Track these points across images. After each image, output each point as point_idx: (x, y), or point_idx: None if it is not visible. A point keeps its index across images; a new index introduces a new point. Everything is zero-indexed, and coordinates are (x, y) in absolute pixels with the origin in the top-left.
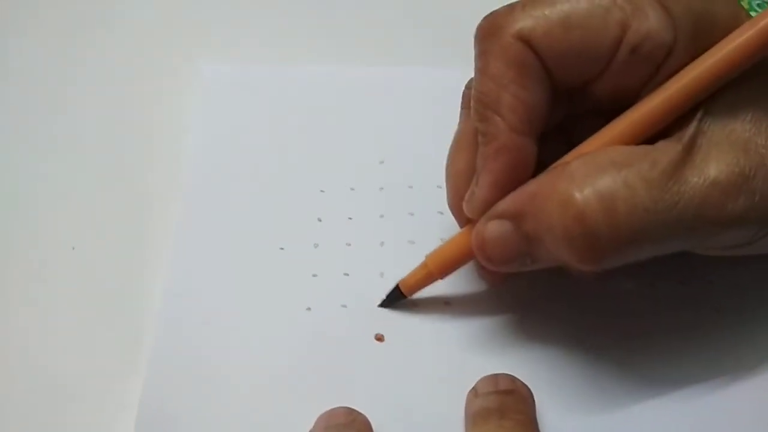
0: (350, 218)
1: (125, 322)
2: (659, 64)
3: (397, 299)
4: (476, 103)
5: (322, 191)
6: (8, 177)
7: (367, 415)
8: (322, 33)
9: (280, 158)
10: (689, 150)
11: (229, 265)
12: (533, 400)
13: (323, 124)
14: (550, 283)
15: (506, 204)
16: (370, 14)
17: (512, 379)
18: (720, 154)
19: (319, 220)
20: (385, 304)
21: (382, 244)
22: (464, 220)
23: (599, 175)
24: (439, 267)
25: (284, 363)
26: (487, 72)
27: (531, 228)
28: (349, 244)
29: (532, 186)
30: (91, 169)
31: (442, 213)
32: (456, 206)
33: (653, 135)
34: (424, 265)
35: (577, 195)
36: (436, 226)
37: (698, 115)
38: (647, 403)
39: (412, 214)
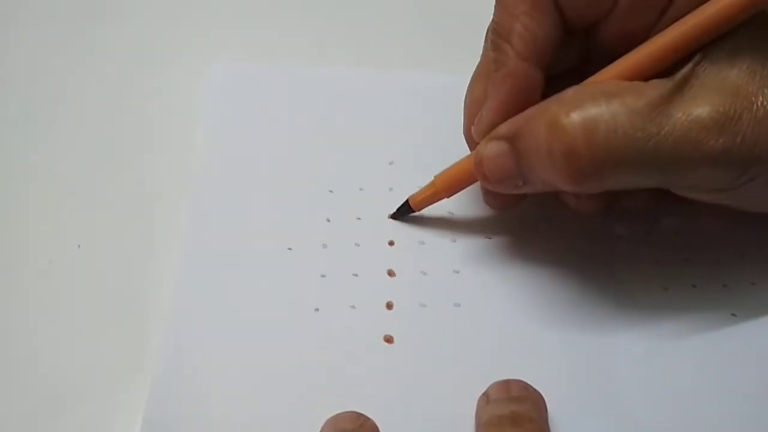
0: (359, 218)
1: (131, 321)
2: (664, 8)
3: (405, 213)
4: (491, 33)
5: (330, 191)
6: (14, 174)
7: (375, 420)
8: (333, 35)
9: (289, 158)
10: (679, 88)
11: (237, 265)
12: (546, 407)
13: (333, 124)
14: (567, 282)
15: (505, 126)
16: (383, 17)
17: (525, 385)
18: (708, 96)
19: (328, 220)
20: (394, 216)
21: (391, 244)
22: (474, 146)
23: (588, 102)
24: (444, 185)
25: (292, 365)
26: (502, 4)
27: (522, 147)
28: (358, 245)
29: (529, 111)
30: (98, 166)
31: (451, 213)
32: (468, 133)
33: (652, 76)
34: (432, 183)
35: (563, 117)
36: (446, 227)
37: (696, 58)
38: (666, 409)
39: (421, 215)
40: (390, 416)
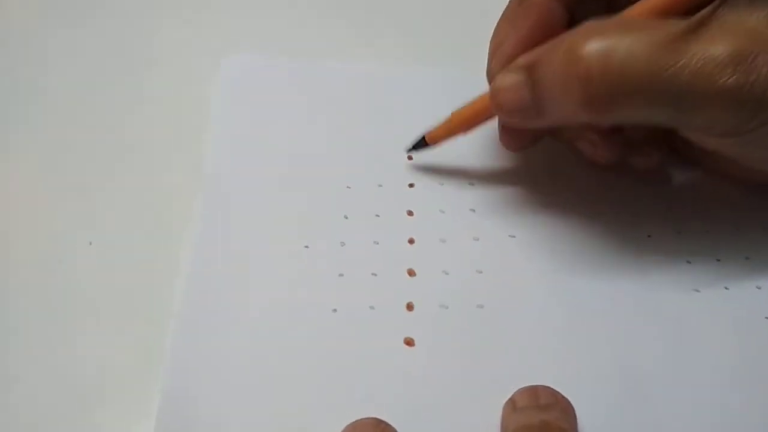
0: (378, 215)
1: (144, 319)
2: None
3: (421, 147)
4: None
5: (348, 187)
6: (24, 170)
7: (395, 426)
8: (350, 29)
9: (305, 154)
10: (697, 27)
11: (252, 263)
12: (575, 414)
13: (350, 119)
14: (595, 283)
15: (523, 57)
16: (400, 11)
17: (553, 392)
18: (725, 37)
19: (346, 217)
20: (411, 150)
21: (411, 242)
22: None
23: (607, 32)
24: (461, 120)
25: (308, 368)
26: None
27: (539, 75)
28: (377, 243)
29: (548, 43)
30: (109, 162)
31: (473, 210)
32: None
33: (681, 14)
34: (449, 119)
35: (582, 44)
36: (468, 224)
37: (716, 2)
38: (699, 417)
39: (443, 212)
40: (411, 423)
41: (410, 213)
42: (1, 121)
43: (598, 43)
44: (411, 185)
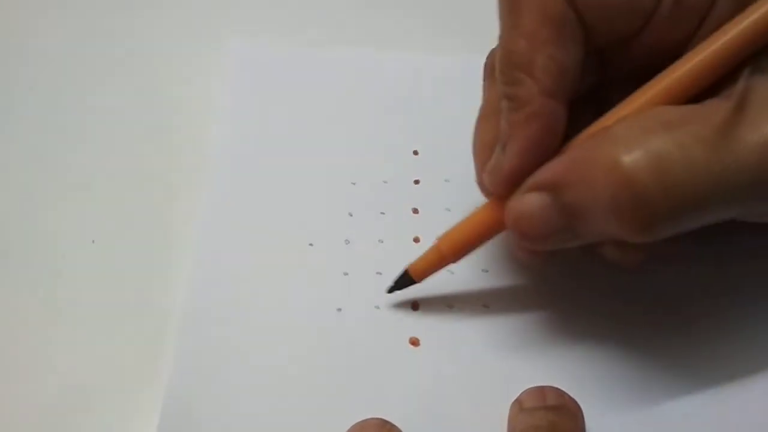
0: (383, 213)
1: (147, 318)
2: (703, 17)
3: (406, 285)
4: (504, 64)
5: (353, 184)
6: (27, 169)
7: (400, 427)
8: (355, 18)
9: (309, 149)
10: (742, 107)
11: (255, 262)
12: (582, 416)
13: (355, 112)
14: (603, 282)
15: (543, 174)
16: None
17: (560, 392)
18: None
19: (350, 214)
20: (393, 290)
21: (417, 240)
22: (489, 195)
23: (648, 136)
24: (452, 249)
25: (313, 368)
26: (518, 29)
27: (573, 199)
28: (382, 241)
29: (571, 153)
30: (111, 160)
31: None
32: (482, 181)
33: (698, 94)
34: (435, 247)
35: (625, 158)
36: None
37: (747, 71)
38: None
39: (449, 210)
40: (416, 423)
41: (415, 210)
42: (2, 117)
43: (643, 155)
44: (416, 182)
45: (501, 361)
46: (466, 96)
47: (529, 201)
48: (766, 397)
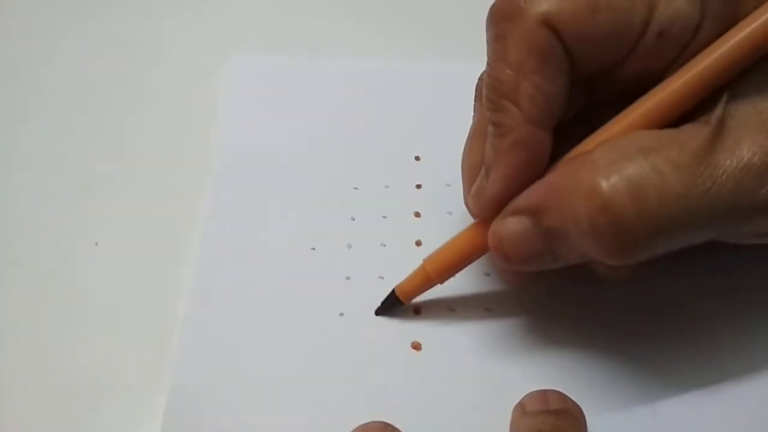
0: (385, 217)
1: (149, 321)
2: (685, 45)
3: (393, 306)
4: (491, 91)
5: (355, 188)
6: (30, 171)
7: (402, 430)
8: (355, 26)
9: (311, 154)
10: (718, 132)
11: (258, 266)
12: (585, 420)
13: (356, 118)
14: (600, 289)
15: (524, 199)
16: (405, 7)
17: (563, 396)
18: (751, 136)
19: (353, 219)
20: (380, 311)
21: (419, 244)
22: (476, 216)
23: (625, 162)
24: (438, 270)
25: (315, 371)
26: (504, 59)
27: (553, 223)
28: (384, 245)
29: (551, 178)
30: (115, 163)
31: None
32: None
33: (676, 118)
34: (422, 268)
35: (603, 183)
36: None
37: (725, 97)
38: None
39: (450, 213)
40: (418, 427)
41: (417, 214)
42: (8, 119)
43: (622, 180)
44: (418, 186)
45: (503, 364)
46: (467, 102)
47: (510, 225)
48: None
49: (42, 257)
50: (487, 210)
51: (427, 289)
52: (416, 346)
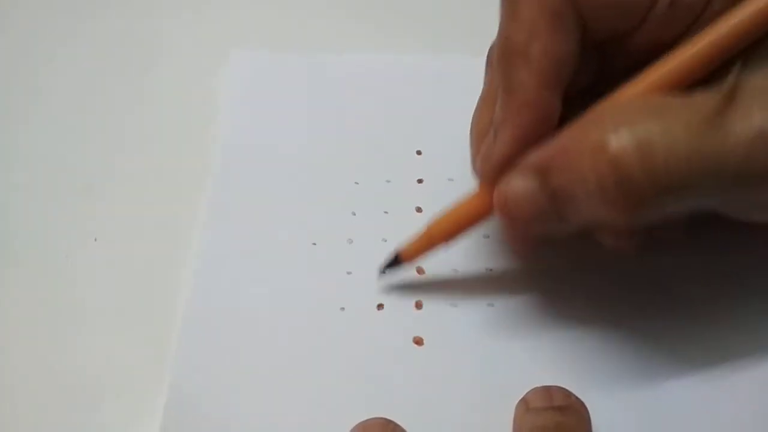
0: (386, 212)
1: (149, 316)
2: (698, 15)
3: (396, 266)
4: (502, 51)
5: (356, 183)
6: (29, 167)
7: (404, 426)
8: (355, 24)
9: (312, 149)
10: (731, 99)
11: (259, 261)
12: (589, 417)
13: (357, 113)
14: (604, 285)
15: (532, 158)
16: (405, 5)
17: (567, 393)
18: (764, 103)
19: (354, 214)
20: (384, 272)
21: None
22: (484, 180)
23: (634, 121)
24: (441, 231)
25: (316, 367)
26: (516, 18)
27: (560, 182)
28: (385, 240)
29: (560, 139)
30: (115, 158)
31: None
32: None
33: (689, 86)
34: (426, 230)
35: (612, 140)
36: None
37: (737, 66)
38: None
39: None
40: (421, 423)
41: (419, 209)
42: (7, 116)
43: (629, 136)
44: (420, 181)
45: (506, 360)
46: (469, 96)
47: (516, 184)
48: None
49: (42, 257)
50: (494, 172)
51: (430, 250)
52: (418, 341)
